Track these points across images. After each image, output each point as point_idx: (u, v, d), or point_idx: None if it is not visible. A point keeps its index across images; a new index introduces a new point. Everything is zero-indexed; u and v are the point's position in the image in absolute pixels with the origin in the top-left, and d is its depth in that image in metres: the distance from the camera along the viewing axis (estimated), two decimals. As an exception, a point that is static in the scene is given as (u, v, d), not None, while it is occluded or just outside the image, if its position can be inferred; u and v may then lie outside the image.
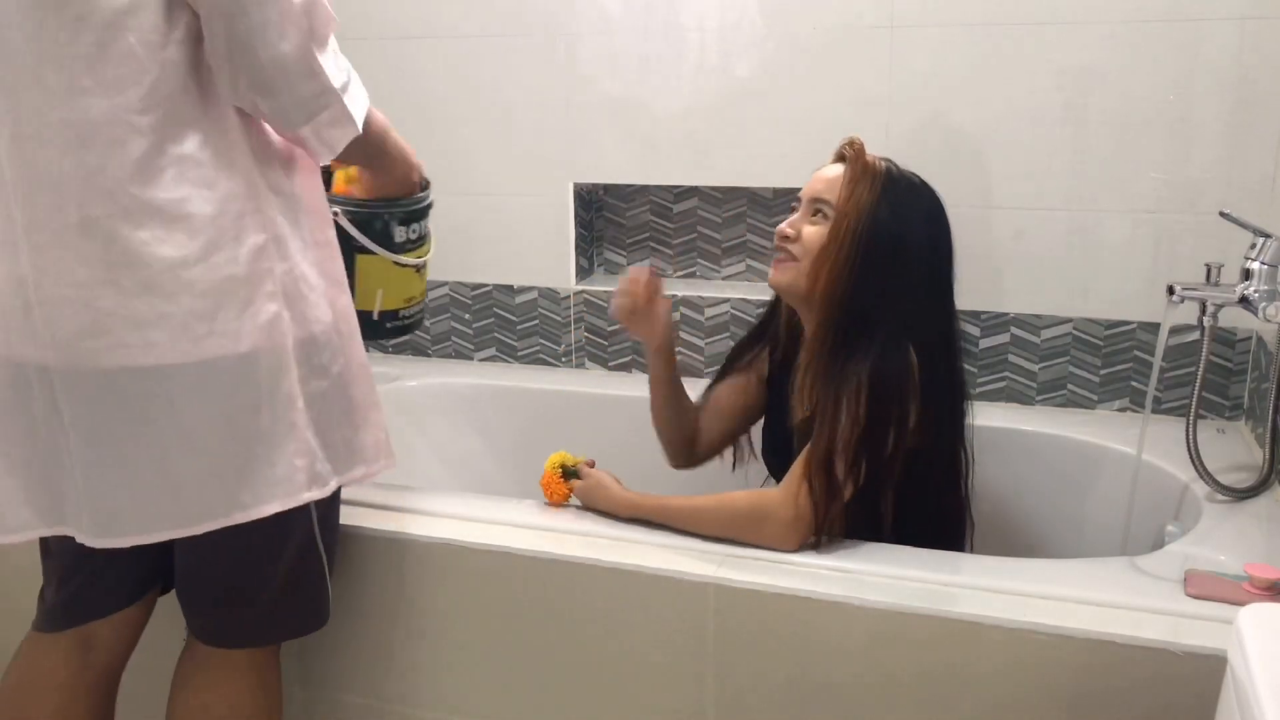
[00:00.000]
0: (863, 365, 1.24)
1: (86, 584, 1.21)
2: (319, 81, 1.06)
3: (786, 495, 1.24)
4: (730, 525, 1.27)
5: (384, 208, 1.34)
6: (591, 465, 1.42)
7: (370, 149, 1.21)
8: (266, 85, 1.03)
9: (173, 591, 1.24)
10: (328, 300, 1.15)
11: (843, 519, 1.26)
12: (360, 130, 1.12)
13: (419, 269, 1.43)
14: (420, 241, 1.40)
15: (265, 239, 1.07)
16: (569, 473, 1.40)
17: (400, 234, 1.36)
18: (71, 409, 1.04)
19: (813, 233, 1.33)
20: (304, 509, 1.15)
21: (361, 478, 1.22)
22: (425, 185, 1.38)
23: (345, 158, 1.18)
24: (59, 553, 1.20)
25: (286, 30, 1.02)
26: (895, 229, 1.30)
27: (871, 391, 1.23)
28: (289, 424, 1.10)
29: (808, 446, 1.26)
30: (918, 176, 1.37)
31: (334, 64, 1.08)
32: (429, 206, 1.40)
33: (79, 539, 1.09)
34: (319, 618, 1.25)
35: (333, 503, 1.24)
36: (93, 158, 0.99)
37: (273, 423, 1.09)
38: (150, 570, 1.24)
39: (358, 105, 1.12)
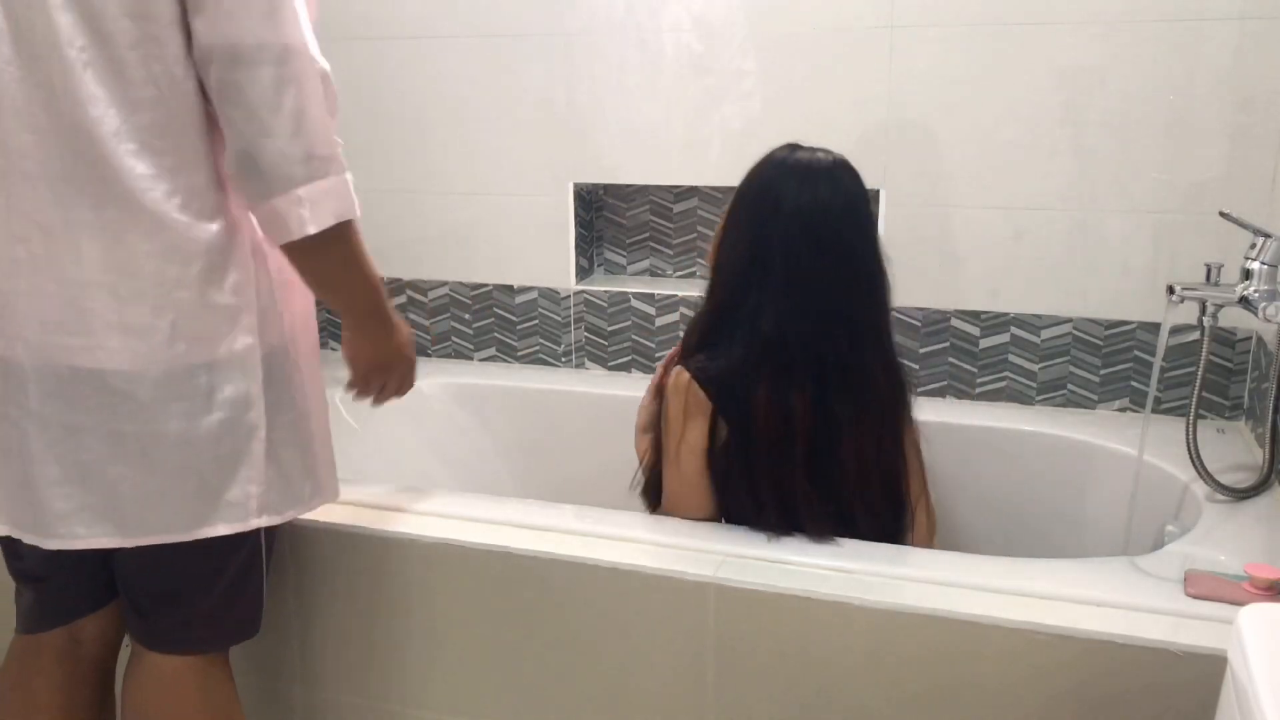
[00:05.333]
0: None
1: (66, 583, 1.23)
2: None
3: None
4: None
5: None
6: None
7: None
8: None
9: None
10: (298, 336, 1.19)
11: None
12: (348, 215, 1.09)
13: None
14: None
15: (249, 275, 1.11)
16: None
17: None
18: (41, 404, 1.07)
19: None
20: (253, 530, 1.17)
21: (316, 507, 1.25)
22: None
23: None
24: (30, 556, 1.20)
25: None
26: (736, 197, 1.35)
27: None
28: (248, 451, 1.13)
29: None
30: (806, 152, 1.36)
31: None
32: None
33: (19, 537, 1.11)
34: (253, 627, 1.27)
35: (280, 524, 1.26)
36: (109, 166, 1.02)
37: (233, 449, 1.12)
38: None
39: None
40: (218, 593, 1.20)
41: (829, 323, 1.27)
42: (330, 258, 1.12)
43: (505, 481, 1.99)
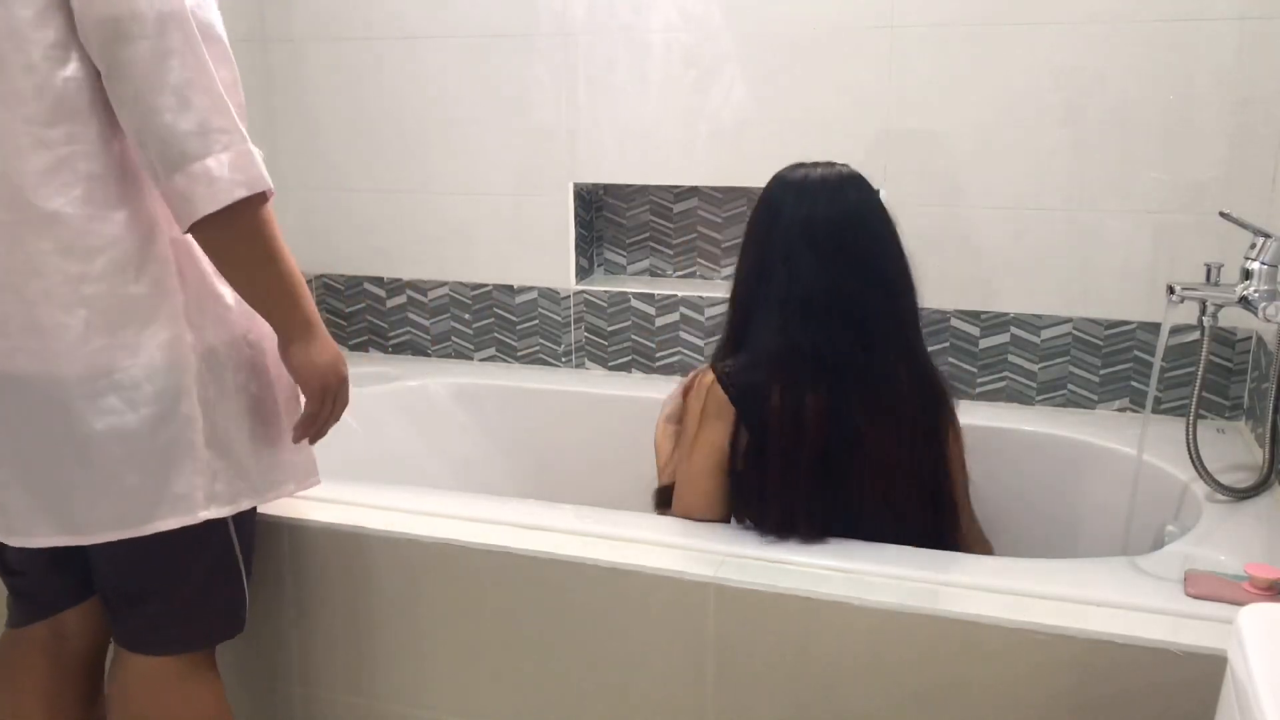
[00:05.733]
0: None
1: (42, 578, 1.22)
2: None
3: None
4: None
5: None
6: None
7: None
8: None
9: None
10: (246, 322, 1.15)
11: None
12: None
13: None
14: None
15: (172, 263, 1.08)
16: None
17: None
18: None
19: None
20: (219, 522, 1.16)
21: (291, 494, 1.24)
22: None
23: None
24: (9, 550, 1.20)
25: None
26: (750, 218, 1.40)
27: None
28: (188, 443, 1.10)
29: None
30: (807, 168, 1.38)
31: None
32: None
33: None
34: (236, 624, 1.25)
35: (251, 514, 1.24)
36: None
37: (170, 441, 1.09)
38: None
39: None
40: (188, 591, 1.18)
41: (838, 329, 1.29)
42: (238, 239, 1.05)
43: (505, 481, 1.99)
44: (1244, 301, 1.34)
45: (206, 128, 0.99)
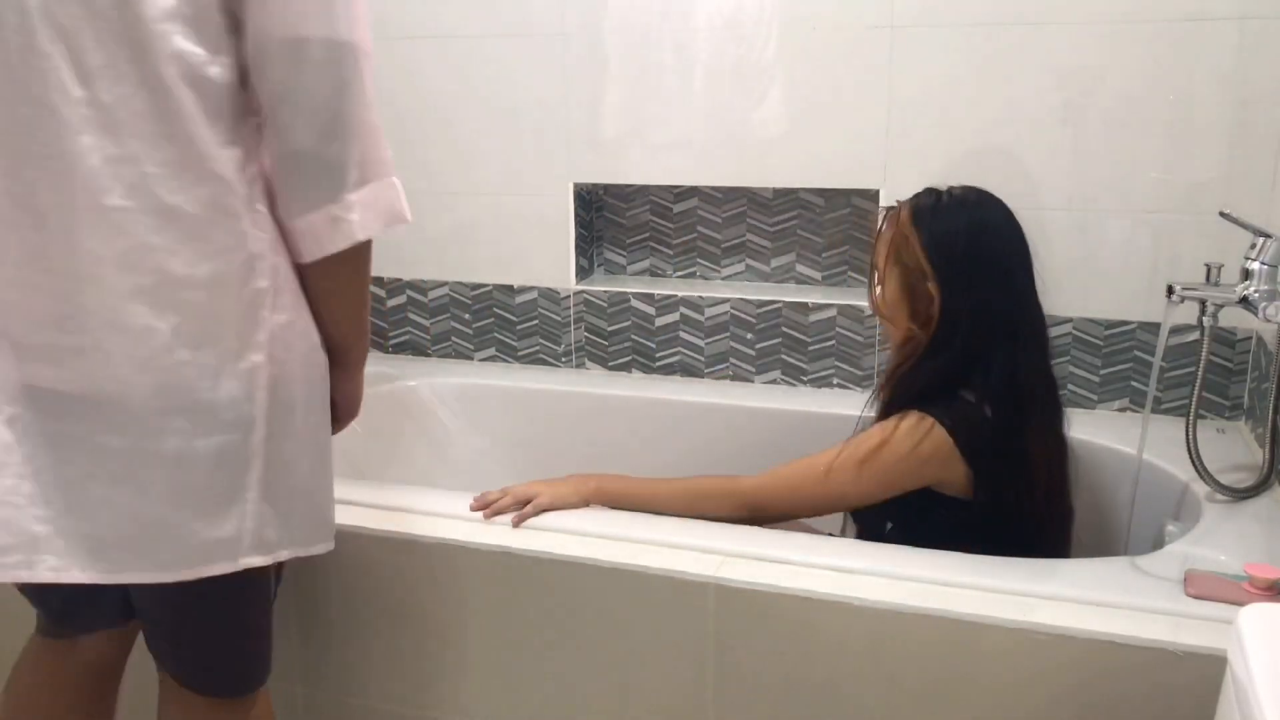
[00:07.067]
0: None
1: (82, 601, 1.17)
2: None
3: None
4: None
5: None
6: None
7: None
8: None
9: None
10: (325, 368, 1.09)
11: None
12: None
13: None
14: None
15: (269, 292, 1.00)
16: None
17: None
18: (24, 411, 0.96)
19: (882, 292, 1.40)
20: (264, 567, 1.07)
21: (316, 550, 1.14)
22: None
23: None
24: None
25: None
26: (941, 251, 1.32)
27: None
28: (244, 483, 1.01)
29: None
30: (963, 191, 1.37)
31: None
32: None
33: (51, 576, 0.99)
34: (268, 668, 1.20)
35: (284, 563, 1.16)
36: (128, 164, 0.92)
37: (229, 478, 1.01)
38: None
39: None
40: (236, 635, 1.13)
41: (1045, 357, 1.37)
42: (362, 266, 1.05)
43: (505, 481, 1.97)
44: (1244, 301, 1.34)
45: (366, 158, 1.02)
